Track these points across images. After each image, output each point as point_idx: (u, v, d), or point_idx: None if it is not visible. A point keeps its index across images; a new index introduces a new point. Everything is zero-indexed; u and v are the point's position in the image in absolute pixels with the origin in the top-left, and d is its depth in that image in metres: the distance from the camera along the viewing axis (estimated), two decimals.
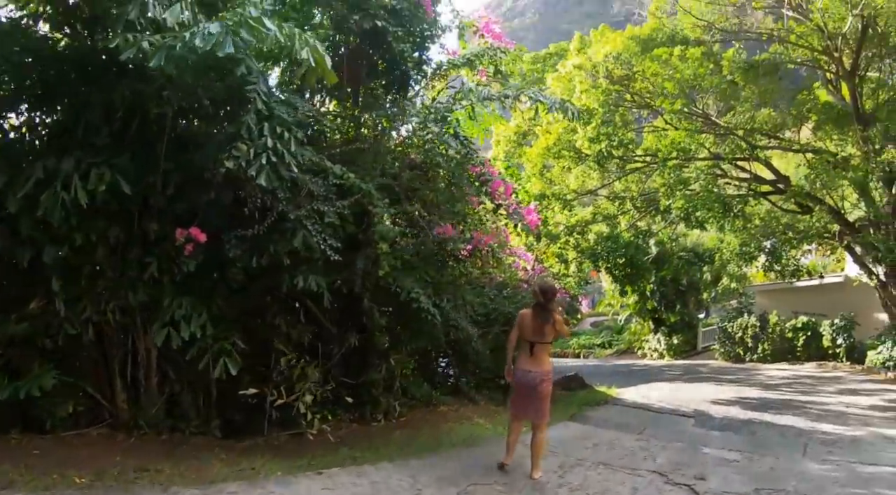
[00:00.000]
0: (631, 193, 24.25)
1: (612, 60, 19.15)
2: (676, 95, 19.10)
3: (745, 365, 26.19)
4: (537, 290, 6.90)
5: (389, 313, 9.39)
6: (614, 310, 35.79)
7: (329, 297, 7.68)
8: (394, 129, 9.54)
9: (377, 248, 7.28)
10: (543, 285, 6.94)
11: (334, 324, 8.86)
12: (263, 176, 6.15)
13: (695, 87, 19.33)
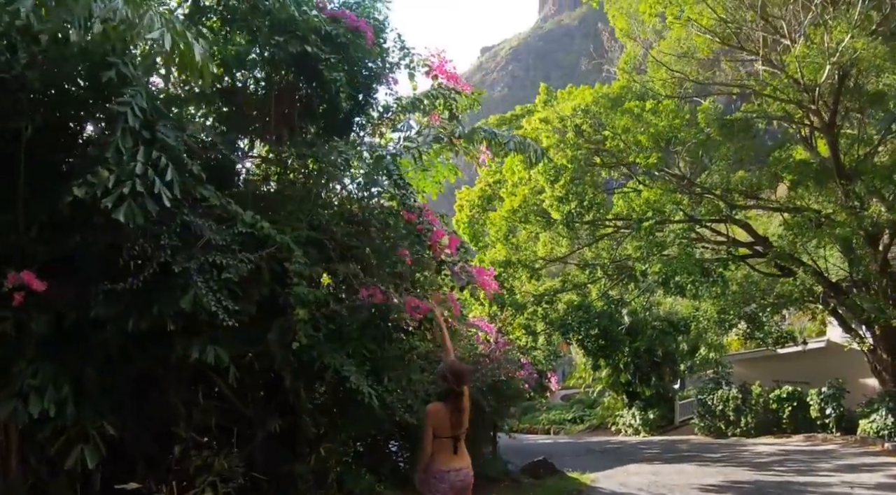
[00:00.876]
0: (602, 260, 23.09)
1: (580, 114, 18.17)
2: (651, 148, 18.08)
3: (727, 440, 24.68)
4: (449, 375, 5.38)
5: (323, 393, 7.83)
6: (586, 384, 34.16)
7: (235, 373, 6.14)
8: (332, 178, 8.14)
9: (295, 314, 5.79)
10: (456, 368, 5.43)
11: (251, 405, 7.26)
12: (123, 210, 4.71)
13: (670, 140, 18.37)
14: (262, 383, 7.22)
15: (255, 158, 8.45)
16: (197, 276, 5.33)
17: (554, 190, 18.42)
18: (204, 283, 5.33)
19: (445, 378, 5.30)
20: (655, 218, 18.01)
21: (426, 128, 9.21)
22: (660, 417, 29.55)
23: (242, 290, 6.21)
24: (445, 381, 5.26)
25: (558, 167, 18.02)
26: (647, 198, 18.28)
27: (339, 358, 6.30)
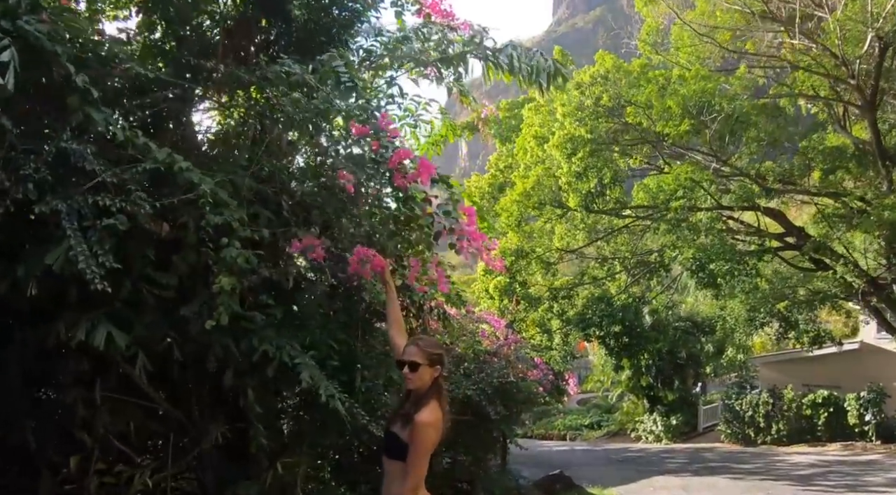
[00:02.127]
0: (622, 254, 21.39)
1: (600, 82, 16.44)
2: (681, 116, 16.31)
3: (757, 448, 22.96)
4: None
5: (285, 395, 6.24)
6: (604, 387, 32.34)
7: (145, 363, 4.54)
8: (290, 122, 6.46)
9: (217, 283, 4.18)
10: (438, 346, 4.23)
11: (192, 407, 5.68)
12: None
13: (702, 108, 16.54)
14: (202, 379, 5.60)
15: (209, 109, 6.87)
16: (70, 223, 3.74)
17: (571, 165, 16.61)
18: (81, 233, 3.74)
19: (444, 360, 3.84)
20: (686, 198, 16.25)
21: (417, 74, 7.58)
22: (682, 423, 27.74)
23: (162, 255, 4.65)
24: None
25: (576, 139, 16.27)
26: (678, 174, 16.47)
27: (289, 348, 4.68)
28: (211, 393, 5.87)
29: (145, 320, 4.71)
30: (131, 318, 4.63)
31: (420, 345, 3.72)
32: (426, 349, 3.70)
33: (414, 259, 5.18)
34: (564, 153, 16.24)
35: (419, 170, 4.21)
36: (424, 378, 3.63)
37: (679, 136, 17.08)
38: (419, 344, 3.74)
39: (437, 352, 3.73)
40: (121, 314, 4.53)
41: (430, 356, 3.66)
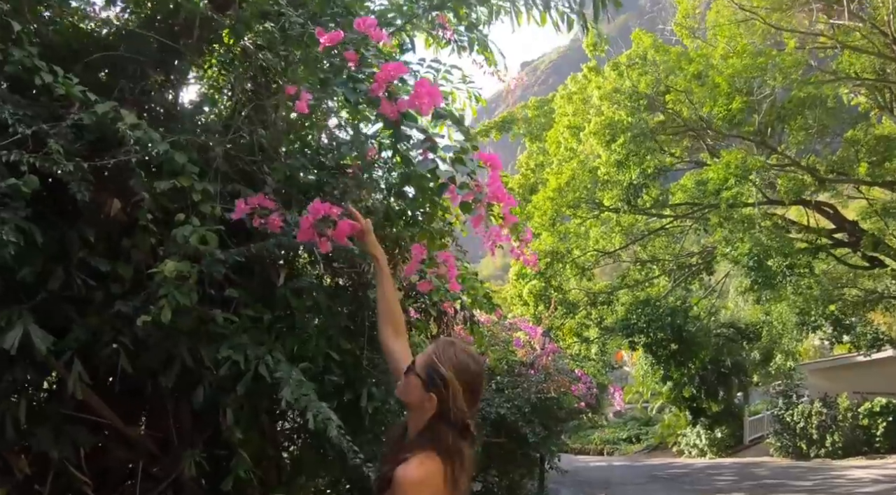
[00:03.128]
0: (663, 257, 20.09)
1: (638, 63, 15.20)
2: (731, 94, 15.01)
3: (810, 462, 21.42)
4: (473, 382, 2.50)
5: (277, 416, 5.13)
6: (644, 399, 30.79)
7: (81, 372, 3.47)
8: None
9: (158, 270, 3.10)
10: (476, 363, 2.52)
11: (160, 427, 4.59)
12: None
13: (750, 85, 15.21)
14: (182, 396, 4.51)
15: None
16: None
17: (611, 153, 15.29)
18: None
19: (473, 389, 2.37)
20: (738, 187, 14.91)
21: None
22: (728, 436, 26.17)
23: (113, 240, 3.61)
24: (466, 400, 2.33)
25: (615, 124, 15.02)
26: (727, 161, 15.13)
27: (269, 357, 3.58)
28: (194, 412, 4.79)
29: (91, 320, 3.66)
30: (70, 316, 3.58)
31: (429, 351, 2.41)
32: (429, 356, 2.36)
33: (417, 245, 3.92)
34: (603, 140, 14.99)
35: (418, 95, 2.80)
36: (411, 394, 2.34)
37: (729, 118, 15.71)
38: (432, 348, 2.41)
39: (436, 368, 2.28)
40: (54, 310, 3.49)
41: (426, 367, 2.30)
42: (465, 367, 2.29)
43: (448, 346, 2.35)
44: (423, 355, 2.38)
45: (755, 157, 15.57)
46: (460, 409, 2.19)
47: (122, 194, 3.78)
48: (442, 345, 2.37)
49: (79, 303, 3.73)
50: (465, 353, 2.34)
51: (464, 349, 2.35)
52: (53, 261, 3.54)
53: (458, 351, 2.33)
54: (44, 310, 3.55)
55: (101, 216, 3.80)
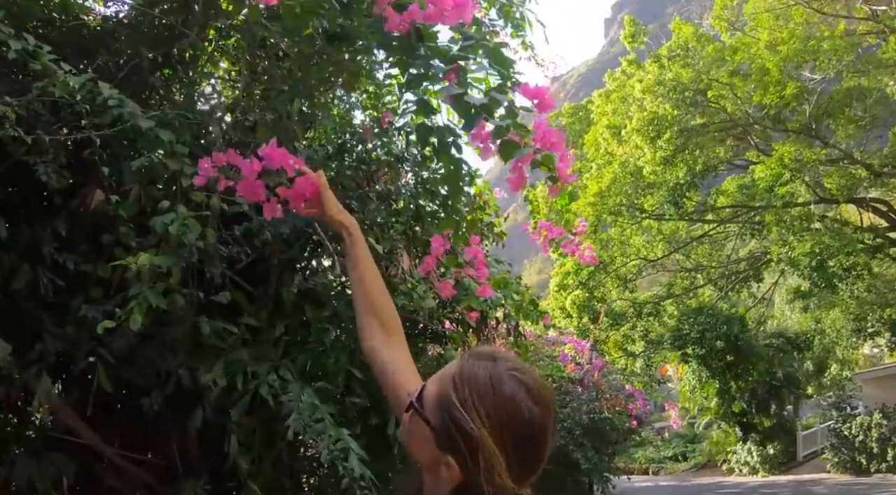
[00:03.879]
0: (706, 266, 19.19)
1: (680, 54, 14.46)
2: (782, 81, 14.12)
3: (871, 478, 20.25)
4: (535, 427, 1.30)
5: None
6: (690, 415, 29.60)
7: (48, 385, 2.88)
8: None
9: (127, 263, 2.51)
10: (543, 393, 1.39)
11: (162, 454, 3.99)
12: None
13: (803, 68, 14.37)
14: (179, 418, 3.91)
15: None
16: None
17: (656, 150, 14.44)
18: None
19: (528, 451, 1.25)
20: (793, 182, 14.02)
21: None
22: (780, 452, 24.91)
23: (94, 236, 3.07)
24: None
25: (660, 118, 14.22)
26: (781, 155, 14.19)
27: (273, 376, 2.95)
28: (201, 437, 4.19)
29: (69, 329, 3.08)
30: (40, 322, 3.01)
31: (448, 375, 1.30)
32: (446, 387, 1.27)
33: (437, 236, 3.17)
34: (647, 137, 14.17)
35: (438, 1, 1.97)
36: (416, 447, 1.34)
37: (782, 106, 14.79)
38: (454, 369, 1.31)
39: (453, 414, 1.23)
40: (25, 317, 2.94)
41: (440, 408, 1.26)
42: (514, 412, 1.23)
43: (481, 367, 1.27)
44: (437, 380, 1.32)
45: (812, 150, 14.65)
46: (501, 487, 1.18)
47: (107, 185, 3.24)
48: (471, 366, 1.28)
49: (53, 309, 3.17)
50: (514, 382, 1.25)
51: (513, 373, 1.26)
52: (22, 260, 2.99)
53: (499, 377, 1.25)
54: (10, 316, 2.99)
55: (79, 209, 3.25)
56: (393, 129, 4.62)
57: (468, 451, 1.18)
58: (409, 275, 3.87)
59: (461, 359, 1.32)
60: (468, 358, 1.31)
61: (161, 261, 2.40)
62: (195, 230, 2.49)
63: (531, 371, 1.33)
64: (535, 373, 1.33)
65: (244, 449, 3.69)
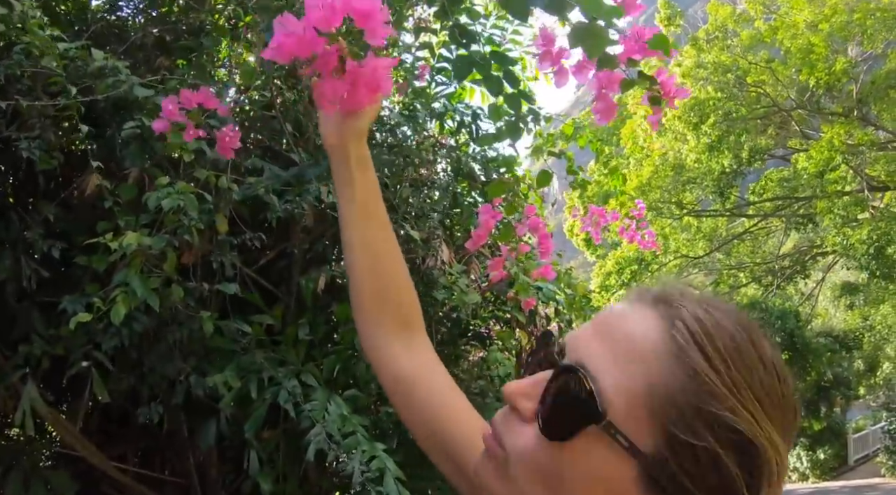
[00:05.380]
0: (751, 263, 18.53)
1: (718, 36, 13.87)
2: (830, 58, 13.46)
3: None
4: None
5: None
6: None
7: (31, 389, 2.51)
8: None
9: (116, 244, 2.10)
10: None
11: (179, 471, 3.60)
12: None
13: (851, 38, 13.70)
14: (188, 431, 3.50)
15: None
16: None
17: (700, 137, 13.76)
18: None
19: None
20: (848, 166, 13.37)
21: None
22: (831, 457, 23.98)
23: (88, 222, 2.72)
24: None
25: (702, 103, 13.57)
26: (830, 138, 13.43)
27: (293, 383, 2.51)
28: (219, 453, 3.78)
29: (64, 330, 2.69)
30: (30, 322, 2.64)
31: (648, 342, 0.67)
32: (660, 369, 0.65)
33: (486, 206, 2.61)
34: (690, 123, 13.53)
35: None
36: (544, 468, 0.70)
37: (832, 84, 14.07)
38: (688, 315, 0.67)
39: (725, 421, 0.63)
40: (16, 315, 2.58)
41: (681, 411, 0.64)
42: (790, 400, 0.68)
43: (725, 319, 0.68)
44: (624, 362, 0.67)
45: (863, 131, 13.91)
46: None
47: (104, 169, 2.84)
48: (711, 319, 0.68)
49: (43, 308, 2.78)
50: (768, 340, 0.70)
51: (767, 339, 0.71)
52: (10, 251, 2.62)
53: (758, 336, 0.69)
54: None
55: (73, 196, 2.87)
56: (425, 114, 4.17)
57: (732, 488, 0.64)
58: (450, 267, 3.43)
59: (668, 309, 0.69)
60: (686, 304, 0.69)
61: (151, 242, 1.98)
62: (192, 206, 2.06)
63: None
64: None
65: (268, 466, 3.29)
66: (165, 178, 2.32)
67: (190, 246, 2.42)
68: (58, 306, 2.60)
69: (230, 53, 3.69)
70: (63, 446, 3.39)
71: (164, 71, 3.59)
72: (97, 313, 2.00)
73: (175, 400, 2.76)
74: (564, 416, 0.68)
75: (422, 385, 1.01)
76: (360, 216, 1.05)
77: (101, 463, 3.17)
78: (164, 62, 3.06)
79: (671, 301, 0.69)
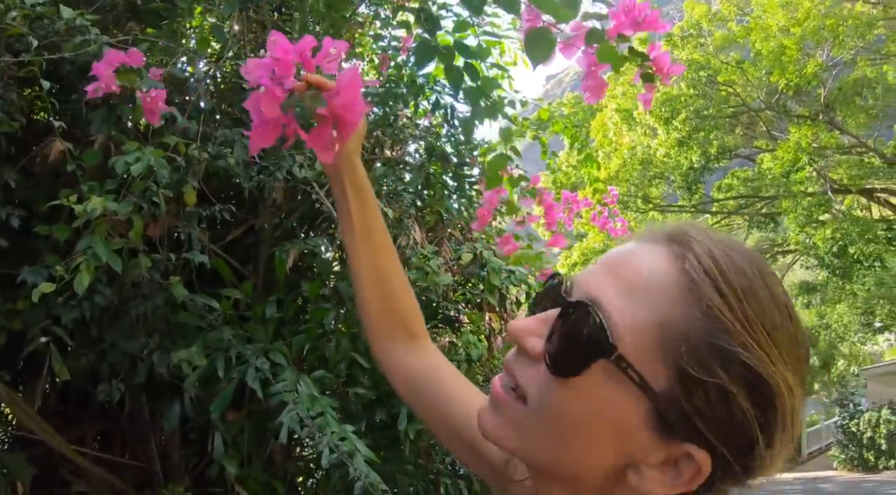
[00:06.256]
0: None
1: (693, 34, 14.04)
2: (800, 61, 13.75)
3: (880, 475, 19.96)
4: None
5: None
6: None
7: None
8: None
9: (80, 209, 2.00)
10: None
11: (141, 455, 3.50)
12: None
13: (823, 42, 14.01)
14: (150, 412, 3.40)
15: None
16: None
17: (669, 132, 13.94)
18: None
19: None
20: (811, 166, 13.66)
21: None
22: None
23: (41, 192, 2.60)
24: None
25: (674, 99, 13.78)
26: (798, 139, 13.72)
27: (260, 360, 2.43)
28: (182, 435, 3.68)
29: (22, 304, 2.57)
30: None
31: (661, 275, 0.66)
32: (672, 305, 0.64)
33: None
34: (661, 118, 13.71)
35: None
36: (578, 441, 0.68)
37: (803, 84, 14.37)
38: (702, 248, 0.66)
39: (745, 360, 0.62)
40: None
41: (695, 346, 0.63)
42: (803, 336, 0.67)
43: (739, 258, 0.66)
44: (636, 300, 0.66)
45: (829, 134, 14.25)
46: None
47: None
48: (726, 254, 0.66)
49: (6, 282, 2.66)
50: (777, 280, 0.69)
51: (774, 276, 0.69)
52: None
53: (770, 275, 0.68)
54: None
55: (35, 162, 2.74)
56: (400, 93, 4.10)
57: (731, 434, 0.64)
58: (421, 247, 3.38)
59: (681, 247, 0.67)
60: (699, 241, 0.67)
61: (118, 208, 1.89)
62: (163, 169, 1.97)
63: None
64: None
65: (232, 449, 3.21)
66: (134, 144, 2.22)
67: (155, 217, 2.33)
68: (16, 279, 2.49)
69: (203, 21, 3.59)
70: (19, 428, 3.27)
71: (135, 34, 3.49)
72: (60, 283, 1.89)
73: (137, 379, 2.66)
74: (574, 351, 0.66)
75: (429, 381, 1.06)
76: (362, 244, 1.09)
77: (59, 446, 3.06)
78: (135, 27, 2.94)
79: (684, 239, 0.67)
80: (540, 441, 0.69)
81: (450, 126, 4.23)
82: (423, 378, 1.07)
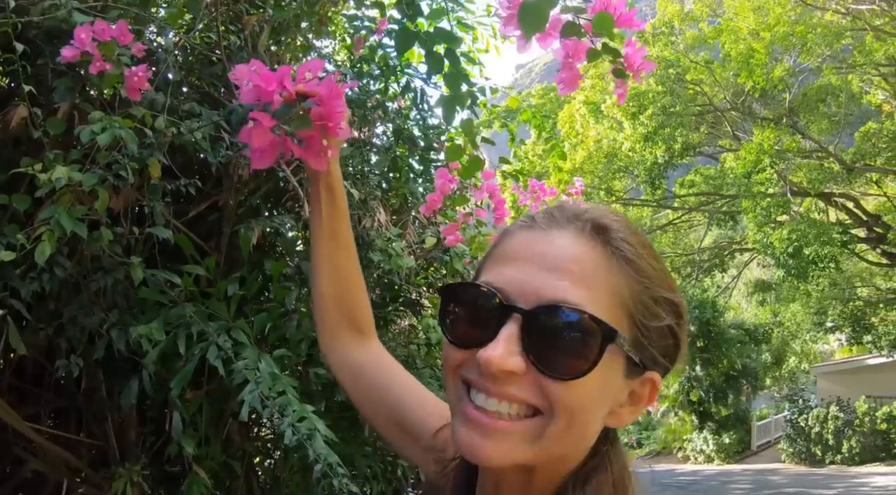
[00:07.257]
0: (671, 254, 19.08)
1: (665, 32, 14.17)
2: (769, 65, 13.97)
3: (826, 469, 20.47)
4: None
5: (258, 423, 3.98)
6: None
7: None
8: None
9: (44, 179, 1.96)
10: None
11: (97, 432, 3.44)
12: None
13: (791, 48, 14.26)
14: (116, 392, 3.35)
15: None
16: None
17: (636, 127, 14.11)
18: None
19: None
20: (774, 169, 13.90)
21: None
22: (736, 441, 25.10)
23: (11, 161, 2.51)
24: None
25: (642, 94, 13.95)
26: (761, 141, 14.01)
27: (222, 337, 2.42)
28: (142, 415, 3.63)
29: None
30: None
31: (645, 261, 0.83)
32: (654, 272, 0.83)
33: (443, 169, 2.63)
34: (628, 112, 13.86)
35: None
36: (588, 398, 0.78)
37: (767, 90, 14.65)
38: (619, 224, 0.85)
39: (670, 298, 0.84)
40: None
41: (662, 296, 0.83)
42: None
43: (638, 229, 0.88)
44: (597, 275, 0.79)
45: (792, 138, 14.54)
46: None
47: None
48: (618, 218, 0.85)
49: None
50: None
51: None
52: None
53: (641, 230, 0.91)
54: None
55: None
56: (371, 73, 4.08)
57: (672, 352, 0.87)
58: (385, 229, 3.38)
59: (605, 235, 0.81)
60: (597, 213, 0.84)
61: (83, 179, 1.85)
62: (132, 140, 1.94)
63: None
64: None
65: (189, 429, 3.18)
66: (99, 113, 2.18)
67: (117, 190, 2.29)
68: None
69: None
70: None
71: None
72: (20, 252, 1.86)
73: (95, 355, 2.62)
74: (581, 350, 0.75)
75: (370, 370, 1.18)
76: (327, 241, 1.19)
77: (14, 423, 3.00)
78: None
79: (589, 218, 0.82)
80: (559, 439, 0.78)
81: (418, 109, 4.21)
82: (366, 368, 1.18)
